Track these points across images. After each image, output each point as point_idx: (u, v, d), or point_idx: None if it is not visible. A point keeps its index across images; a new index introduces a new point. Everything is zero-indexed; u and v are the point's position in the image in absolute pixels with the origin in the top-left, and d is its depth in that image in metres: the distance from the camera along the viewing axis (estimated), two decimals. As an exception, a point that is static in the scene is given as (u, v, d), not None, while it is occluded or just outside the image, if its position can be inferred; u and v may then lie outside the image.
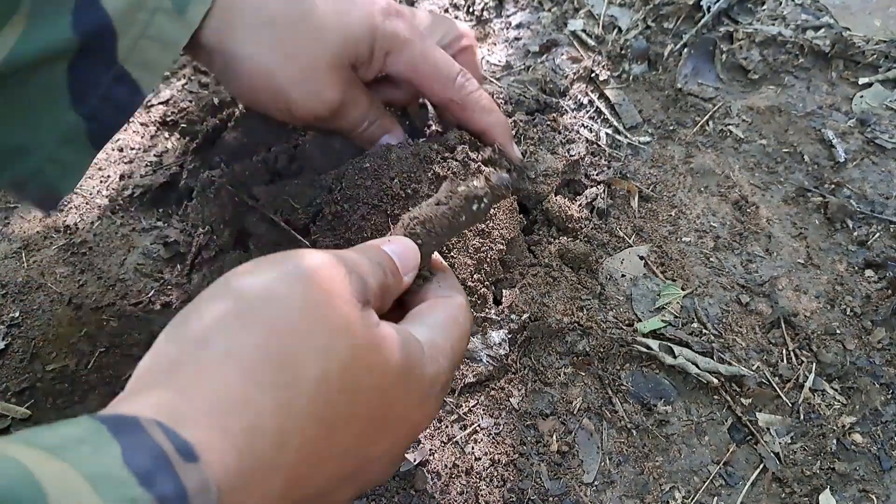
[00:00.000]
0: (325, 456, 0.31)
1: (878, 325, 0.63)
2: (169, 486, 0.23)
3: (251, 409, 0.28)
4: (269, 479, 0.28)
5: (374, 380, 0.32)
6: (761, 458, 0.56)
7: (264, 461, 0.28)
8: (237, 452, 0.27)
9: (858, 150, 0.75)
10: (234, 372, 0.28)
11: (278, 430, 0.28)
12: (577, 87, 0.80)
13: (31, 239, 0.68)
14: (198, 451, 0.25)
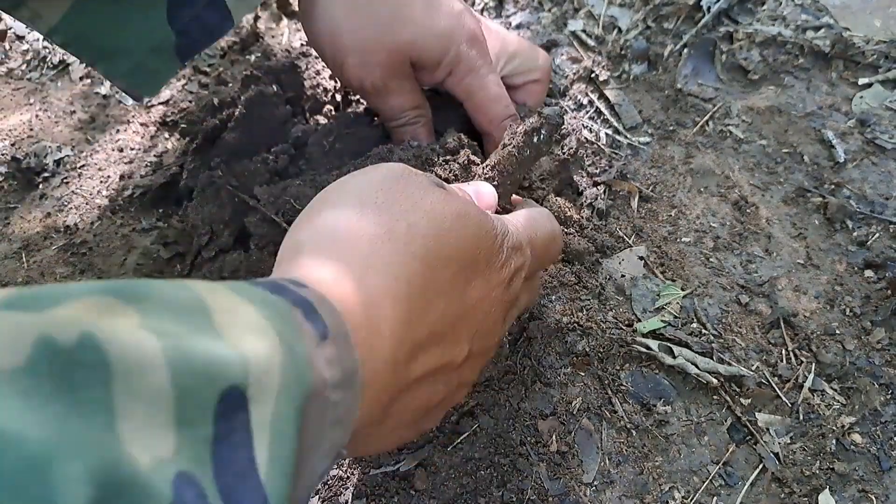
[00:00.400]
0: (432, 290, 0.35)
1: (877, 325, 0.63)
2: (292, 296, 0.27)
3: (359, 250, 0.33)
4: (390, 307, 0.32)
5: (452, 224, 0.37)
6: (761, 459, 0.56)
7: (381, 290, 0.32)
8: (354, 284, 0.31)
9: (858, 151, 0.75)
10: (339, 221, 0.34)
11: (387, 262, 0.33)
12: (577, 88, 0.80)
13: (31, 239, 0.68)
14: (305, 280, 0.30)
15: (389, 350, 0.32)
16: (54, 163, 0.74)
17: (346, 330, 0.29)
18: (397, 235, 0.34)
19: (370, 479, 0.53)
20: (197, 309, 0.23)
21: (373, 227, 0.34)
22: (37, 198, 0.72)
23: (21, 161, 0.73)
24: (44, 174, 0.74)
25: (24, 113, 0.80)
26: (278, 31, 0.84)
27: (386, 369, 0.32)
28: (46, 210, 0.70)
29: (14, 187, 0.73)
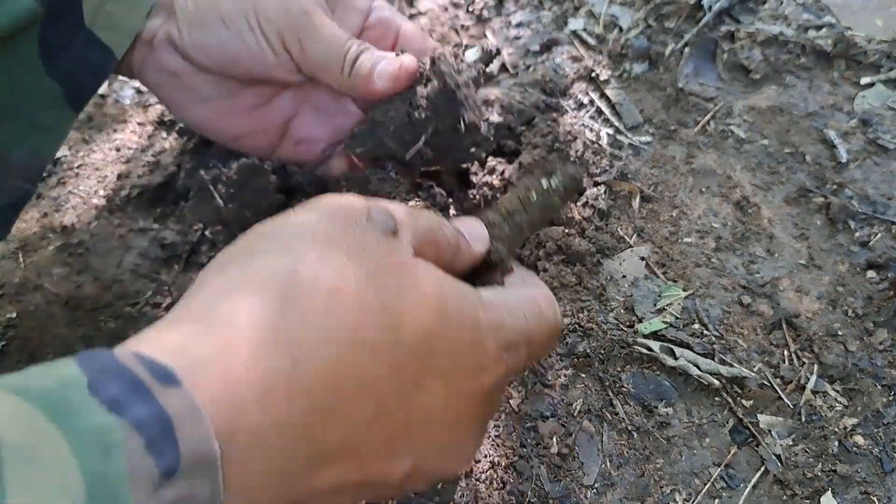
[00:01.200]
0: (353, 384, 0.27)
1: (880, 326, 0.63)
2: (143, 410, 0.22)
3: (254, 325, 0.26)
4: (285, 403, 0.25)
5: (397, 299, 0.29)
6: (762, 460, 0.55)
7: (278, 382, 0.25)
8: (243, 370, 0.25)
9: (860, 151, 0.75)
10: (239, 303, 0.27)
11: (287, 344, 0.26)
12: (578, 87, 0.80)
13: (28, 239, 0.67)
14: (180, 373, 0.23)
15: (278, 460, 0.25)
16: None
17: (212, 453, 0.23)
18: (311, 306, 0.27)
19: (369, 481, 0.53)
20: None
21: (281, 292, 0.27)
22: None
23: (18, 160, 0.73)
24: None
25: (21, 112, 0.79)
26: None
27: (269, 481, 0.25)
28: (43, 210, 0.70)
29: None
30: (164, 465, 0.21)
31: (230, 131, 0.55)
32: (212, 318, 0.26)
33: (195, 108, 0.54)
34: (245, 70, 0.50)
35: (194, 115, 0.55)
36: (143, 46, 0.51)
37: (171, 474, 0.21)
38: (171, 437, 0.22)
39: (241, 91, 0.53)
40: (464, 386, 0.31)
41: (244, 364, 0.25)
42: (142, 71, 0.53)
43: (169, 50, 0.51)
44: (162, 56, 0.51)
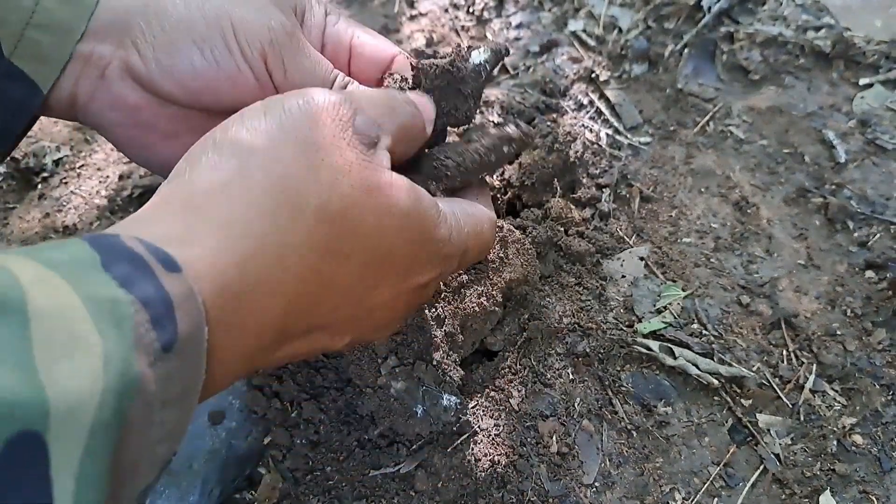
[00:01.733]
0: (326, 286, 0.32)
1: (878, 326, 0.63)
2: (149, 289, 0.24)
3: (250, 231, 0.29)
4: (269, 300, 0.29)
5: (375, 219, 0.33)
6: (761, 460, 0.56)
7: (263, 281, 0.29)
8: (235, 270, 0.28)
9: (859, 151, 0.75)
10: (233, 203, 0.29)
11: (278, 253, 0.29)
12: (578, 88, 0.80)
13: (30, 239, 0.67)
14: (181, 262, 0.26)
15: (253, 344, 0.29)
16: (53, 163, 0.74)
17: (201, 337, 0.26)
18: (301, 221, 0.30)
19: (370, 479, 0.53)
20: (14, 312, 0.20)
21: (275, 205, 0.30)
22: (35, 198, 0.72)
23: (20, 161, 0.73)
24: (42, 174, 0.73)
25: (23, 113, 0.79)
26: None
27: (240, 361, 0.29)
28: (45, 210, 0.70)
29: (13, 187, 0.73)
30: (164, 339, 0.24)
31: None
32: (209, 213, 0.29)
33: (156, 147, 0.47)
34: (218, 97, 0.45)
35: (155, 155, 0.48)
36: (91, 77, 0.44)
37: (169, 349, 0.24)
38: (172, 316, 0.24)
39: (206, 123, 0.46)
40: (407, 285, 0.37)
41: (237, 263, 0.28)
42: (89, 106, 0.45)
43: (126, 81, 0.44)
44: (117, 88, 0.44)
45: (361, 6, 0.89)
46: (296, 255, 0.30)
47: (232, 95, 0.45)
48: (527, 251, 0.58)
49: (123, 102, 0.45)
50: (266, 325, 0.30)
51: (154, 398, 0.24)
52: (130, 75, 0.44)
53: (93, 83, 0.44)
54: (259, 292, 0.29)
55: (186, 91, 0.44)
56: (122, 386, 0.22)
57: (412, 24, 0.88)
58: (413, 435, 0.53)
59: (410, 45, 0.85)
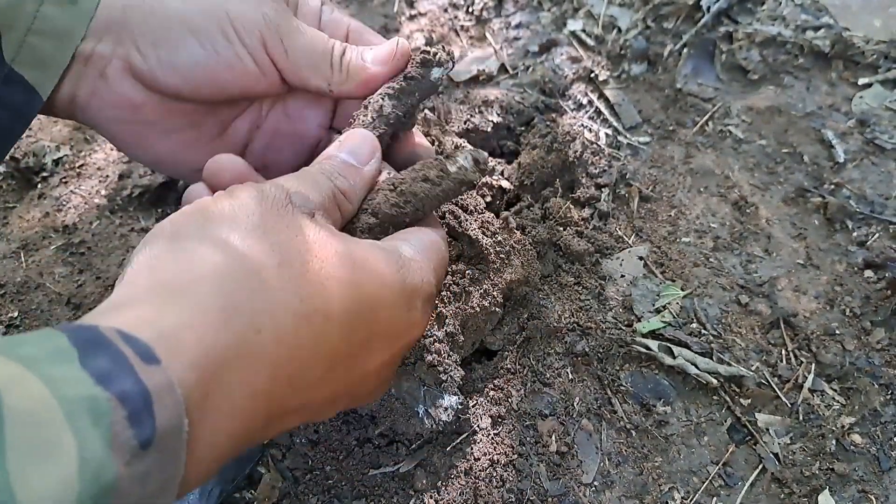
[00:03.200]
0: (310, 349, 0.31)
1: (877, 325, 0.63)
2: (127, 383, 0.24)
3: (217, 302, 0.28)
4: (250, 368, 0.28)
5: (345, 275, 0.33)
6: (760, 459, 0.56)
7: (241, 345, 0.28)
8: (213, 338, 0.27)
9: (858, 151, 0.75)
10: (193, 271, 0.29)
11: (250, 314, 0.29)
12: (577, 88, 0.80)
13: (30, 239, 0.68)
14: (158, 353, 0.25)
15: (241, 425, 0.29)
16: (53, 162, 0.74)
17: (180, 428, 0.25)
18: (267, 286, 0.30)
19: (370, 479, 0.53)
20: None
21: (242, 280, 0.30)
22: (35, 197, 0.72)
23: (20, 160, 0.73)
24: (42, 174, 0.73)
25: (23, 112, 0.79)
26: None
27: (229, 441, 0.28)
28: (45, 209, 0.70)
29: (13, 187, 0.73)
30: (142, 436, 0.23)
31: (192, 164, 0.49)
32: (176, 293, 0.29)
33: (157, 142, 0.48)
34: (221, 87, 0.46)
35: (155, 151, 0.49)
36: (91, 77, 0.44)
37: (147, 446, 0.23)
38: (150, 411, 0.24)
39: (204, 118, 0.49)
40: (399, 343, 0.37)
41: (215, 332, 0.28)
42: (89, 105, 0.46)
43: (127, 79, 0.45)
44: (118, 87, 0.45)
45: (361, 6, 0.89)
46: (266, 315, 0.29)
47: (234, 83, 0.46)
48: (527, 252, 0.58)
49: (125, 101, 0.45)
50: (257, 399, 0.29)
51: (129, 499, 0.23)
52: (131, 73, 0.44)
53: (93, 83, 0.44)
54: (239, 360, 0.28)
55: (188, 83, 0.45)
56: (97, 489, 0.21)
57: (411, 23, 0.88)
58: (413, 435, 0.53)
59: (410, 44, 0.85)
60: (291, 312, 0.30)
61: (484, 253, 0.54)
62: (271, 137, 0.53)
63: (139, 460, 0.23)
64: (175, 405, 0.25)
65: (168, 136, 0.48)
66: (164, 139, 0.48)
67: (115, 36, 0.44)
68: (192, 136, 0.49)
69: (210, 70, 0.44)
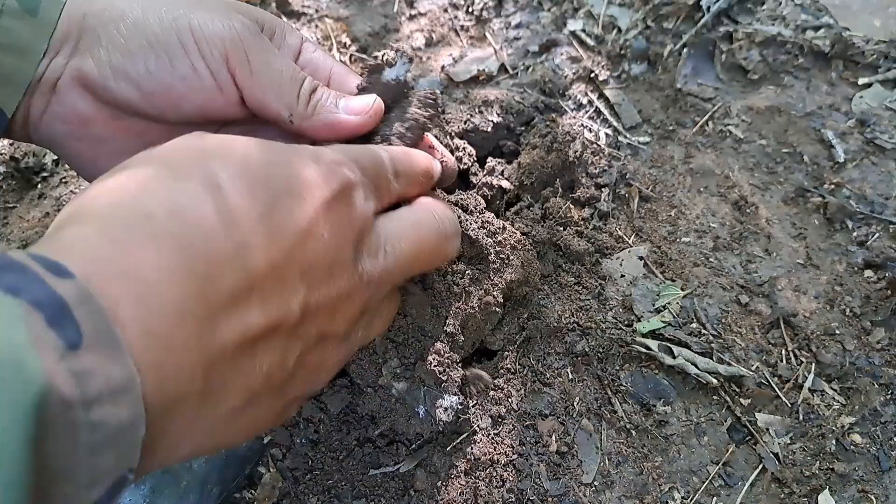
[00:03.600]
0: (224, 235, 0.29)
1: (877, 325, 0.63)
2: (39, 292, 0.23)
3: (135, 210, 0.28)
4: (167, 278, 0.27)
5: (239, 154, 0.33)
6: (760, 459, 0.56)
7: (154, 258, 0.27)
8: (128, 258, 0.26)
9: (858, 151, 0.75)
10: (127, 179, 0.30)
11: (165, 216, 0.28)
12: (577, 88, 0.80)
13: (30, 239, 0.68)
14: (72, 269, 0.24)
15: (178, 330, 0.26)
16: (53, 162, 0.74)
17: (109, 331, 0.24)
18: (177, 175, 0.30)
19: (370, 478, 0.53)
20: None
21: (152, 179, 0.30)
22: (35, 197, 0.72)
23: (20, 161, 0.73)
24: (42, 174, 0.73)
25: (23, 112, 0.79)
26: (277, 31, 0.84)
27: (178, 350, 0.26)
28: (45, 210, 0.70)
29: (13, 187, 0.73)
30: (66, 338, 0.22)
31: None
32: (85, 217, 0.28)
33: (109, 162, 0.43)
34: (174, 101, 0.43)
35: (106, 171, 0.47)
36: (43, 93, 0.42)
37: (76, 347, 0.23)
38: (70, 316, 0.23)
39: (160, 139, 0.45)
40: (314, 196, 0.34)
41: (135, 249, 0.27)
42: (40, 124, 0.44)
43: (79, 91, 0.43)
44: (69, 100, 0.43)
45: (361, 6, 0.90)
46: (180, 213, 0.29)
47: (189, 99, 0.43)
48: (527, 252, 0.58)
49: (75, 114, 0.44)
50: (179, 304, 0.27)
51: (71, 397, 0.22)
52: (82, 83, 0.43)
53: (45, 98, 0.43)
54: (154, 272, 0.26)
55: (141, 95, 0.43)
56: (20, 379, 0.21)
57: (411, 23, 0.88)
58: (413, 435, 0.53)
59: (410, 44, 0.85)
60: (203, 200, 0.30)
61: (484, 253, 0.54)
62: None
63: (72, 358, 0.22)
64: (100, 313, 0.24)
65: (121, 155, 0.44)
66: (117, 159, 0.44)
67: (72, 46, 0.42)
68: None
69: (164, 83, 0.42)
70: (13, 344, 0.21)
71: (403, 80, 0.48)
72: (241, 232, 0.30)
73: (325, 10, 0.87)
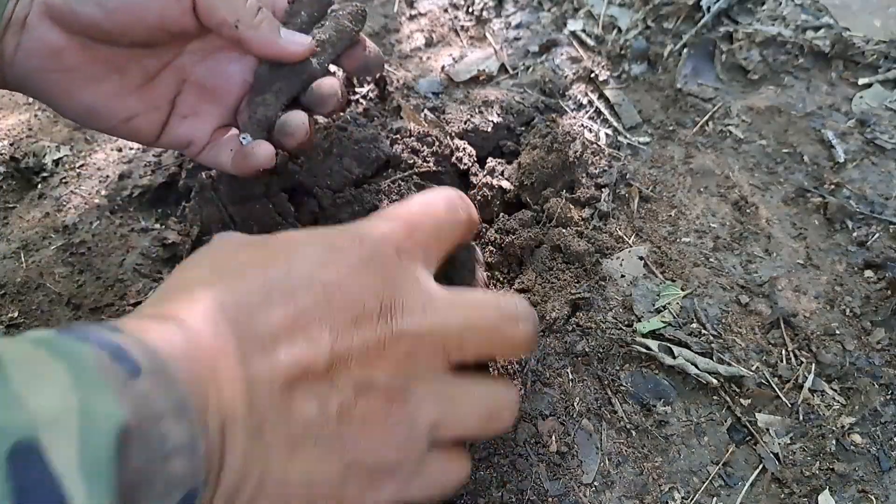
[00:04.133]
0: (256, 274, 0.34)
1: (877, 325, 0.63)
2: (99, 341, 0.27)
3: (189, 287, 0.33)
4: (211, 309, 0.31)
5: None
6: (760, 459, 0.56)
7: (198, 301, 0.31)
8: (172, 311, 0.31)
9: (858, 151, 0.75)
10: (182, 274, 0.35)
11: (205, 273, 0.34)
12: (577, 88, 0.80)
13: (30, 239, 0.68)
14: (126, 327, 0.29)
15: (228, 360, 0.30)
16: (53, 162, 0.74)
17: (161, 363, 0.28)
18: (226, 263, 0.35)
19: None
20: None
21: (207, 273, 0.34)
22: (35, 197, 0.72)
23: (20, 161, 0.73)
24: (42, 174, 0.73)
25: (23, 112, 0.79)
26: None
27: (232, 377, 0.30)
28: (45, 210, 0.70)
29: (13, 187, 0.73)
30: (128, 369, 0.26)
31: (119, 114, 0.51)
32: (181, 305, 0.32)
33: (81, 92, 0.48)
34: (137, 16, 0.46)
35: (81, 100, 0.49)
36: (14, 31, 0.45)
37: (136, 375, 0.26)
38: (126, 355, 0.27)
39: (128, 64, 0.50)
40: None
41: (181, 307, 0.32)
42: (14, 62, 0.46)
43: (48, 24, 0.45)
44: (39, 34, 0.45)
45: (361, 6, 0.90)
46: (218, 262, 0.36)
47: (149, 10, 0.46)
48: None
49: (46, 47, 0.46)
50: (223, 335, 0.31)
51: (140, 411, 0.25)
52: (49, 15, 0.45)
53: (16, 36, 0.45)
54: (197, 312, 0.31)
55: (104, 14, 0.45)
56: (98, 398, 0.24)
57: (411, 23, 0.88)
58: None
59: (410, 44, 0.85)
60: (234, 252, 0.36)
61: None
62: (199, 91, 0.55)
63: (133, 383, 0.26)
64: (149, 351, 0.28)
65: (92, 83, 0.48)
66: (89, 87, 0.48)
67: None
68: (117, 84, 0.50)
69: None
70: (87, 372, 0.25)
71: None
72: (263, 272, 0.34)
73: (325, 11, 0.87)
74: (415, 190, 0.65)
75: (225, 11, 0.47)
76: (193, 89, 0.55)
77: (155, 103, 0.53)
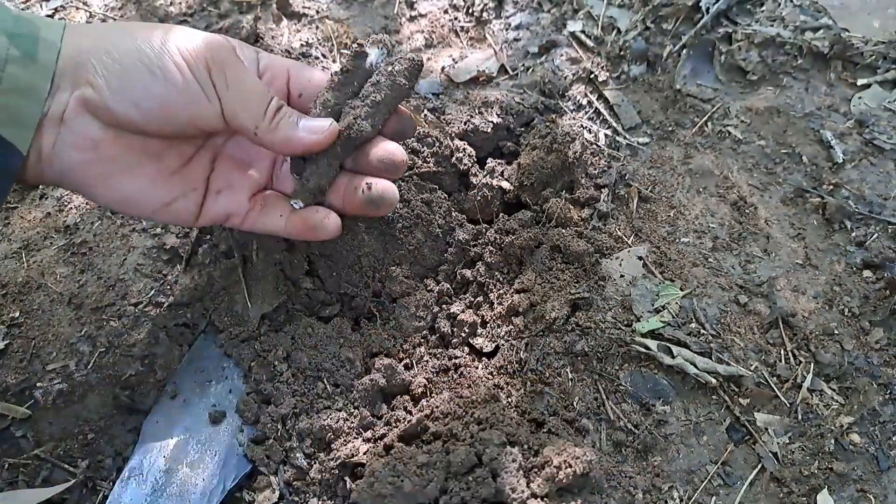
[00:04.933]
0: None
1: (876, 325, 0.63)
2: None
3: None
4: None
5: None
6: (759, 458, 0.56)
7: None
8: None
9: (857, 151, 0.76)
10: None
11: None
12: (577, 88, 0.80)
13: (32, 239, 0.68)
14: None
15: None
16: None
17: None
18: None
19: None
20: None
21: None
22: (37, 198, 0.72)
23: (21, 161, 0.73)
24: (44, 174, 0.74)
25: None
26: (278, 32, 0.84)
27: None
28: (46, 210, 0.70)
29: (14, 187, 0.73)
30: None
31: (159, 199, 0.52)
32: None
33: (121, 180, 0.50)
34: (173, 113, 0.49)
35: (119, 190, 0.50)
36: (52, 127, 0.47)
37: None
38: None
39: (163, 151, 0.52)
40: None
41: None
42: (53, 156, 0.48)
43: (85, 118, 0.47)
44: (77, 128, 0.47)
45: (361, 7, 0.90)
46: None
47: (182, 110, 0.49)
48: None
49: (85, 139, 0.48)
50: None
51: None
52: (87, 109, 0.47)
53: (54, 131, 0.47)
54: None
55: (141, 112, 0.48)
56: None
57: (412, 24, 0.88)
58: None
59: (410, 45, 0.86)
60: None
61: None
62: (230, 165, 0.57)
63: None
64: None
65: (131, 171, 0.50)
66: (128, 175, 0.50)
67: (71, 79, 0.47)
68: (154, 171, 0.52)
69: (161, 96, 0.48)
70: None
71: (375, 66, 0.55)
72: None
73: (325, 12, 0.87)
74: (415, 190, 0.66)
75: (244, 119, 0.50)
76: (225, 165, 0.56)
77: (192, 185, 0.54)
